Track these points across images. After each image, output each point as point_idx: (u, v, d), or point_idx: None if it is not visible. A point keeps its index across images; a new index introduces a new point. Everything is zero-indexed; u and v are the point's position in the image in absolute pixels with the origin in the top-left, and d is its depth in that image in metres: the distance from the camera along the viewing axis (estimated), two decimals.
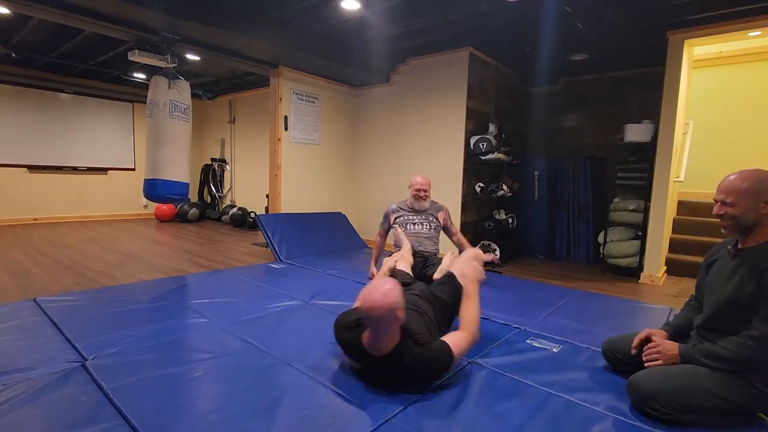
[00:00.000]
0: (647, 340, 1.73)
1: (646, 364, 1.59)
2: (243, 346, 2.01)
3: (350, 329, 1.69)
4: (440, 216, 3.38)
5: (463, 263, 2.18)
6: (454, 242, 3.48)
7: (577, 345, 2.18)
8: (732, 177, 1.49)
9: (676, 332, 1.78)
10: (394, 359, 1.58)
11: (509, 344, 2.17)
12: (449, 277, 2.13)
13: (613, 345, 1.87)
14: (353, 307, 1.89)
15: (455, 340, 1.71)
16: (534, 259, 4.97)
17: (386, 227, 3.44)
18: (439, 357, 1.64)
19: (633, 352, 1.74)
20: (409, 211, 3.37)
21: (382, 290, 1.53)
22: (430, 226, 3.34)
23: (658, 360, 1.57)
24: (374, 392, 1.63)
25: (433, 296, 2.05)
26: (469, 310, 1.90)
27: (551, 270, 4.35)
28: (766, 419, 1.51)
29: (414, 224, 3.34)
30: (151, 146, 3.64)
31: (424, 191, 3.30)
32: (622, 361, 1.82)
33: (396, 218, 3.36)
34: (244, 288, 3.06)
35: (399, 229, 3.23)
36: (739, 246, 1.53)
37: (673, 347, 1.57)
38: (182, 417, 1.42)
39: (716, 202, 1.53)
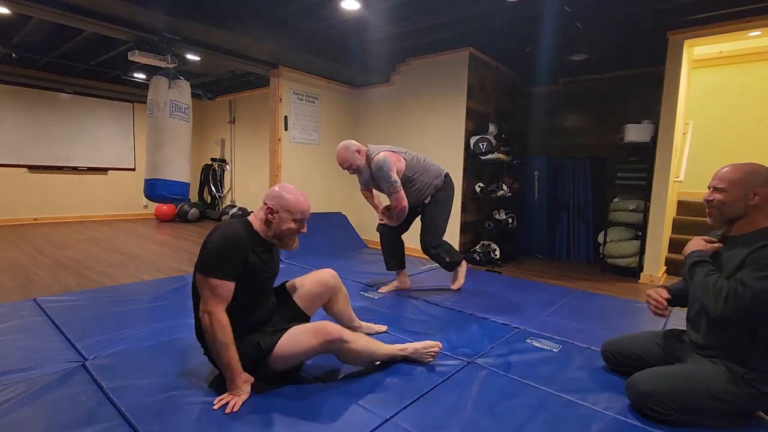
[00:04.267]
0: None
1: None
2: None
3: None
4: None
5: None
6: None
7: (577, 345, 2.19)
8: (727, 167, 1.54)
9: (676, 295, 1.72)
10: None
11: (509, 344, 2.17)
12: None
13: (613, 347, 1.88)
14: None
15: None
16: (534, 259, 4.97)
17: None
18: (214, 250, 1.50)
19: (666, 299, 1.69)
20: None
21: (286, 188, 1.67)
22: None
23: None
24: (374, 392, 1.63)
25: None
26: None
27: (551, 270, 4.35)
28: (766, 419, 1.51)
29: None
30: (152, 146, 3.64)
31: (347, 167, 2.79)
32: (622, 362, 1.82)
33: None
34: None
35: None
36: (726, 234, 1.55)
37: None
38: (182, 417, 1.42)
39: (709, 189, 1.58)
